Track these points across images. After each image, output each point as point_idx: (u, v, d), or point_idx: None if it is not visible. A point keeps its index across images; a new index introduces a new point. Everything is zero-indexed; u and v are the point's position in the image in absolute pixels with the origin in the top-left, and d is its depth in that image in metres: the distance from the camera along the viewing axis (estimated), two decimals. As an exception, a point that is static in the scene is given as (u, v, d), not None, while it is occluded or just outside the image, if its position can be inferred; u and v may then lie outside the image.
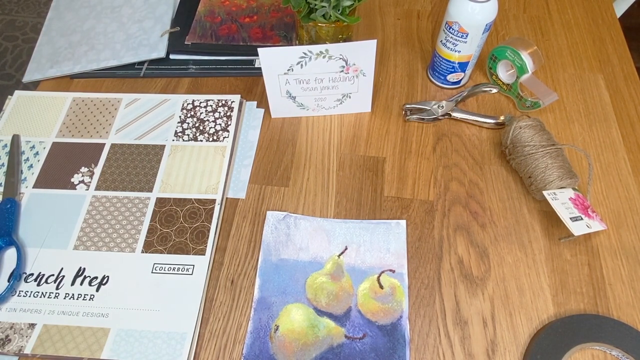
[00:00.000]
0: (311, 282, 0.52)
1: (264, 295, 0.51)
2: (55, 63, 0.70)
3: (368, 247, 0.54)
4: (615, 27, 0.75)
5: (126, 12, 0.76)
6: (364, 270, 0.52)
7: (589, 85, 0.67)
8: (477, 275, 0.52)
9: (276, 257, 0.53)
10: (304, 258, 0.53)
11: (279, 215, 0.56)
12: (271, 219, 0.56)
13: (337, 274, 0.52)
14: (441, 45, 0.62)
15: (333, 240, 0.54)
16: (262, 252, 0.53)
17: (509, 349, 0.48)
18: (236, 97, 0.66)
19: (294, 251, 0.54)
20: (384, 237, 0.54)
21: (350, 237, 0.54)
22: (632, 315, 0.49)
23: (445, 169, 0.60)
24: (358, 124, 0.64)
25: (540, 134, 0.56)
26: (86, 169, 0.60)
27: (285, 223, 0.55)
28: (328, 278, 0.52)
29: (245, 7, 0.76)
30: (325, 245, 0.54)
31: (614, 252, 0.53)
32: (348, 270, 0.52)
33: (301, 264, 0.53)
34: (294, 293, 0.51)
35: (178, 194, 0.57)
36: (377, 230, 0.55)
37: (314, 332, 0.48)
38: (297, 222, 0.55)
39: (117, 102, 0.66)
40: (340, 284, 0.51)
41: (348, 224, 0.55)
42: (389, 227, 0.55)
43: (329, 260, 0.53)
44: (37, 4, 1.98)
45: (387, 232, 0.54)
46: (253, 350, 0.48)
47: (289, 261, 0.53)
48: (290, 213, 0.56)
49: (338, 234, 0.55)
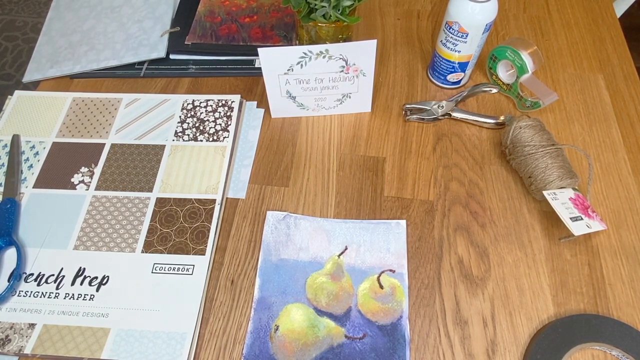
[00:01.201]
0: (311, 282, 0.52)
1: (264, 295, 0.51)
2: (55, 63, 0.70)
3: (368, 247, 0.54)
4: (615, 27, 0.75)
5: (126, 12, 0.76)
6: (364, 270, 0.52)
7: (589, 85, 0.67)
8: (477, 275, 0.52)
9: (276, 257, 0.53)
10: (304, 258, 0.53)
11: (279, 215, 0.56)
12: (271, 219, 0.56)
13: (337, 274, 0.52)
14: (441, 45, 0.62)
15: (333, 240, 0.54)
16: (262, 252, 0.53)
17: (509, 349, 0.48)
18: (236, 97, 0.66)
19: (294, 251, 0.53)
20: (384, 237, 0.54)
21: (351, 237, 0.54)
22: (632, 315, 0.49)
23: (445, 169, 0.60)
24: (358, 124, 0.64)
25: (540, 134, 0.56)
26: (86, 169, 0.60)
27: (285, 223, 0.55)
28: (328, 278, 0.52)
29: (245, 7, 0.76)
30: (325, 245, 0.54)
31: (614, 252, 0.53)
32: (348, 270, 0.52)
33: (301, 264, 0.53)
34: (294, 293, 0.51)
35: (178, 194, 0.57)
36: (377, 230, 0.55)
37: (314, 332, 0.48)
38: (297, 222, 0.55)
39: (117, 102, 0.66)
40: (340, 284, 0.51)
41: (348, 224, 0.55)
42: (389, 227, 0.55)
43: (329, 260, 0.53)
44: (37, 4, 1.98)
45: (387, 232, 0.54)
46: (253, 350, 0.48)
47: (289, 261, 0.53)
48: (290, 213, 0.56)
49: (338, 234, 0.55)
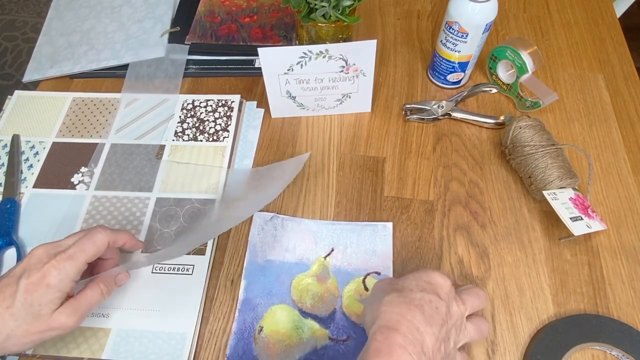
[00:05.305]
0: (296, 284, 0.51)
1: (248, 296, 0.50)
2: (55, 63, 0.70)
3: (354, 249, 0.53)
4: (615, 27, 0.75)
5: (126, 12, 0.76)
6: (349, 272, 0.52)
7: (589, 85, 0.67)
8: (477, 275, 0.52)
9: (262, 258, 0.53)
10: (290, 259, 0.53)
11: (266, 216, 0.55)
12: (258, 220, 0.55)
13: (322, 275, 0.52)
14: (441, 45, 0.62)
15: (319, 241, 0.54)
16: (249, 253, 0.53)
17: (509, 349, 0.48)
18: (236, 97, 0.66)
19: (280, 252, 0.53)
20: (370, 239, 0.54)
21: (337, 238, 0.54)
22: (632, 315, 0.49)
23: (445, 169, 0.60)
24: (358, 124, 0.64)
25: (540, 134, 0.56)
26: (86, 168, 0.60)
27: (272, 224, 0.55)
28: (314, 280, 0.51)
29: (245, 7, 0.76)
30: (311, 246, 0.54)
31: (614, 252, 0.53)
32: (334, 272, 0.52)
33: (287, 265, 0.52)
34: (279, 294, 0.51)
35: (178, 193, 0.57)
36: (364, 233, 0.54)
37: (298, 334, 0.48)
38: (284, 223, 0.55)
39: (117, 102, 0.66)
40: (325, 286, 0.51)
41: (335, 225, 0.55)
42: (375, 229, 0.55)
43: (315, 262, 0.53)
44: (37, 4, 1.98)
45: (373, 234, 0.54)
46: (237, 350, 0.47)
47: (275, 262, 0.53)
48: (277, 214, 0.56)
49: (325, 236, 0.54)
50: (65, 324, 0.40)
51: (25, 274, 0.40)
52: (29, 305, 0.39)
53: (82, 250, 0.42)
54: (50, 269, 0.40)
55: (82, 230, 0.45)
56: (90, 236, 0.43)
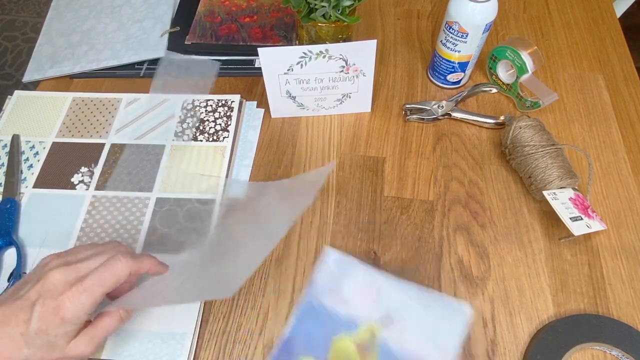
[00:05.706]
0: (338, 345, 0.46)
1: (292, 336, 0.46)
2: (55, 63, 0.70)
3: (414, 329, 0.46)
4: (615, 27, 0.75)
5: (126, 12, 0.76)
6: (396, 357, 0.45)
7: (589, 85, 0.67)
8: (477, 275, 0.52)
9: (318, 301, 0.48)
10: (341, 312, 0.47)
11: (338, 257, 0.50)
12: (330, 259, 0.50)
13: (366, 346, 0.46)
14: (441, 45, 0.62)
15: (380, 299, 0.47)
16: (310, 293, 0.48)
17: (509, 349, 0.48)
18: (236, 97, 0.66)
19: (336, 300, 0.48)
20: (435, 320, 0.46)
21: (400, 303, 0.47)
22: (632, 315, 0.49)
23: (445, 169, 0.60)
24: (358, 124, 0.64)
25: (540, 134, 0.56)
26: (86, 169, 0.60)
27: (343, 268, 0.50)
28: (355, 347, 0.46)
29: (245, 7, 0.76)
30: (369, 303, 0.47)
31: (614, 252, 0.53)
32: (381, 348, 0.45)
33: (337, 318, 0.47)
34: (317, 348, 0.46)
35: (178, 193, 0.57)
36: (432, 307, 0.47)
37: None
38: (355, 270, 0.49)
39: (117, 102, 0.66)
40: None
41: (402, 285, 0.49)
42: (447, 305, 0.47)
43: (365, 326, 0.46)
44: (37, 4, 1.98)
45: (443, 314, 0.47)
46: None
47: (326, 309, 0.48)
48: (352, 257, 0.51)
49: (387, 294, 0.48)
50: (82, 354, 0.39)
51: (40, 300, 0.38)
52: (43, 334, 0.37)
53: (101, 284, 0.39)
54: (65, 301, 0.38)
55: (101, 245, 0.43)
56: (110, 266, 0.40)
